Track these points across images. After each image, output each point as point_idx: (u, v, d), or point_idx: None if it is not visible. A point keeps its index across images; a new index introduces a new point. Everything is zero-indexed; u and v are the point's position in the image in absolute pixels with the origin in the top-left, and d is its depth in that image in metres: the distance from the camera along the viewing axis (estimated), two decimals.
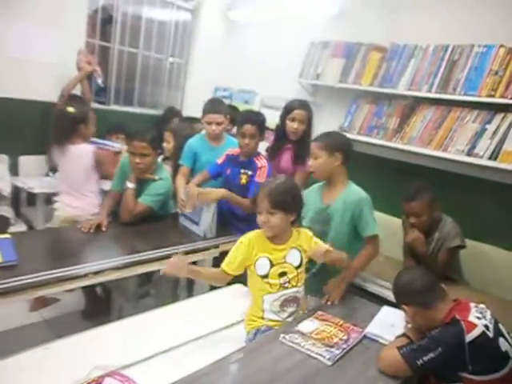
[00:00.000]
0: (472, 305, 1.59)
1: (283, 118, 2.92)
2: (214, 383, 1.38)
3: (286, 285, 1.80)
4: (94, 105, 4.04)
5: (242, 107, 3.97)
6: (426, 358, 1.47)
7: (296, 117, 2.86)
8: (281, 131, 2.94)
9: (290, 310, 1.83)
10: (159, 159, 2.86)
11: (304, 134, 2.89)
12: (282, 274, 1.81)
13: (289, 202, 1.77)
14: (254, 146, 2.74)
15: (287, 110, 2.89)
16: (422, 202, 2.37)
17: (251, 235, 1.86)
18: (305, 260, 1.85)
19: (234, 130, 3.24)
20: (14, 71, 3.41)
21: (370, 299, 2.19)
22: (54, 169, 3.37)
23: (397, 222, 2.76)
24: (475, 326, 1.47)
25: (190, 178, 2.93)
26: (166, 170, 2.82)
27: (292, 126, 2.86)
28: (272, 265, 1.81)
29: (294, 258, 1.83)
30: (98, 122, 3.41)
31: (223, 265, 1.83)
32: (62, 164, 2.87)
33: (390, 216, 3.04)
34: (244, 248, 1.83)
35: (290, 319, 1.83)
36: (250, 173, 2.75)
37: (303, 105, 2.92)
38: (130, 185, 2.55)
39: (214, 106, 2.97)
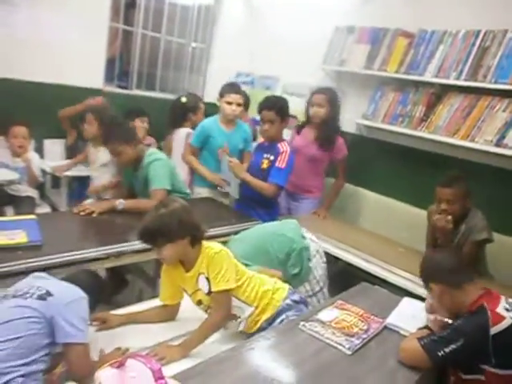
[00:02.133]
0: (502, 297, 1.55)
1: (307, 105, 3.09)
2: (228, 370, 1.38)
3: (207, 311, 1.71)
4: (116, 89, 4.07)
5: (263, 93, 3.93)
6: (447, 350, 1.44)
7: (315, 101, 3.01)
8: (306, 118, 3.12)
9: (232, 325, 1.76)
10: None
11: (327, 117, 2.98)
12: (199, 302, 1.73)
13: (165, 233, 1.56)
14: (275, 131, 2.73)
15: (309, 97, 3.07)
16: (458, 190, 2.29)
17: (164, 266, 1.75)
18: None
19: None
20: (42, 55, 3.44)
21: (391, 290, 2.17)
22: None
23: (419, 213, 2.71)
24: (503, 318, 1.43)
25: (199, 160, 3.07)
26: (156, 151, 2.79)
27: (312, 110, 3.02)
28: (189, 294, 1.74)
29: (202, 284, 1.66)
30: (118, 106, 3.47)
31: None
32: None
33: (413, 207, 2.98)
34: (165, 278, 1.76)
35: (240, 328, 1.76)
36: (271, 158, 2.74)
37: (322, 89, 3.07)
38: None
39: (234, 86, 3.02)
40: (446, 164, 2.87)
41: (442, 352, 1.45)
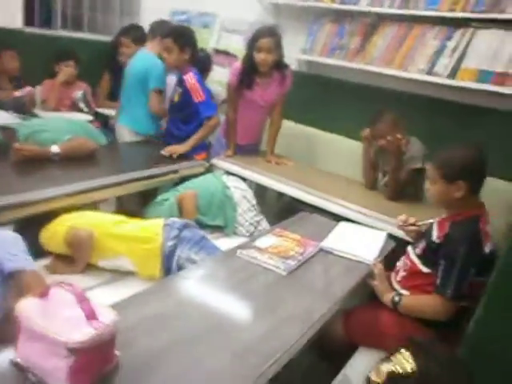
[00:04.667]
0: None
1: (250, 48, 2.68)
2: (164, 298, 1.38)
3: None
4: (38, 30, 3.74)
5: (201, 32, 3.76)
6: (452, 283, 1.53)
7: (263, 46, 2.61)
8: (249, 62, 2.70)
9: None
10: None
11: (276, 63, 2.71)
12: None
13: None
14: (173, 60, 2.67)
15: (253, 40, 2.65)
16: (385, 124, 2.37)
17: None
18: None
19: None
20: None
21: (330, 218, 2.24)
22: None
23: (356, 145, 2.77)
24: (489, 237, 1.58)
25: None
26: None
27: (259, 56, 2.63)
28: None
29: None
30: (45, 49, 3.21)
31: None
32: None
33: (351, 139, 3.04)
34: None
35: None
36: (180, 90, 2.74)
37: (267, 31, 2.67)
38: None
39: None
40: (383, 97, 2.91)
41: (449, 288, 1.53)
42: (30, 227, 1.80)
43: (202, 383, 1.05)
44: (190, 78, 2.64)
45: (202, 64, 3.01)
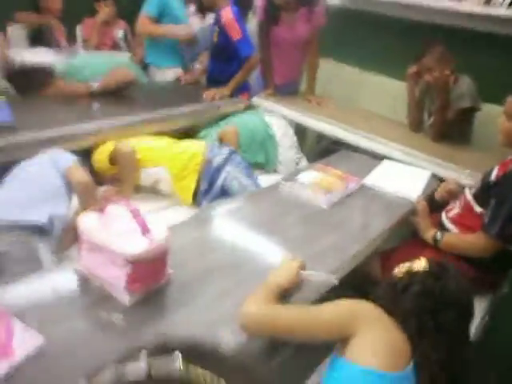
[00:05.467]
0: None
1: None
2: (212, 224, 1.44)
3: None
4: None
5: None
6: (499, 222, 1.50)
7: None
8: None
9: None
10: None
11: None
12: None
13: None
14: None
15: None
16: (433, 58, 2.24)
17: None
18: None
19: None
20: None
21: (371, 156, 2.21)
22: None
23: (401, 86, 2.66)
24: None
25: None
26: None
27: None
28: None
29: None
30: None
31: None
32: None
33: (396, 80, 2.92)
34: None
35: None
36: (217, 28, 2.63)
37: None
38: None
39: None
40: (431, 33, 2.73)
41: (496, 226, 1.50)
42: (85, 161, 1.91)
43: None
44: (227, 13, 2.54)
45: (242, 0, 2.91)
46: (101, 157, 1.91)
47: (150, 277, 1.06)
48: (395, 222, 1.63)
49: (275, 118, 2.47)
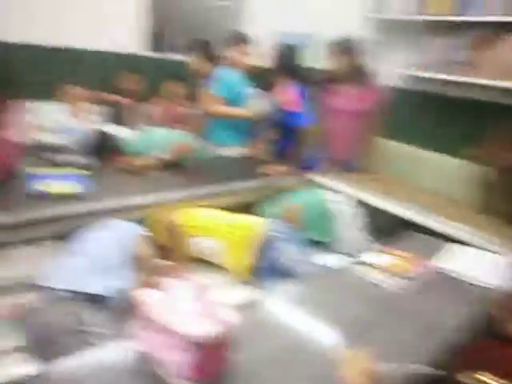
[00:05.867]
0: None
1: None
2: (263, 307, 1.37)
3: None
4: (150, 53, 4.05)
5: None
6: None
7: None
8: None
9: None
10: None
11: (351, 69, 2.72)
12: None
13: None
14: None
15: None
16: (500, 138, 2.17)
17: None
18: None
19: None
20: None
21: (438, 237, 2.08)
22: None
23: (461, 164, 2.56)
24: None
25: None
26: None
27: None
28: None
29: None
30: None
31: None
32: None
33: (455, 158, 2.84)
34: None
35: None
36: None
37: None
38: None
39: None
40: (492, 111, 2.67)
41: None
42: None
43: None
44: (287, 91, 2.69)
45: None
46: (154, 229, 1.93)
47: (214, 364, 0.98)
48: (474, 313, 1.47)
49: (336, 195, 2.43)
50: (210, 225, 1.86)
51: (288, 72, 2.74)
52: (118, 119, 3.44)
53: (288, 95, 2.63)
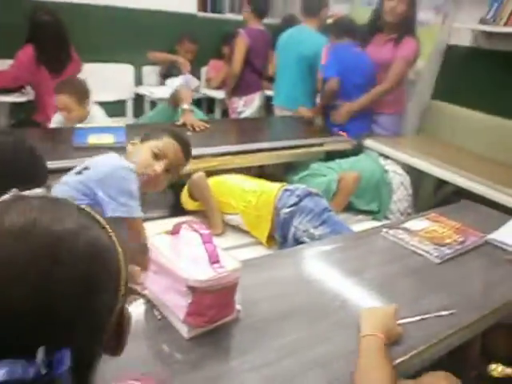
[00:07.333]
0: None
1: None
2: (297, 263, 1.29)
3: None
4: (209, 14, 4.00)
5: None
6: None
7: None
8: (376, 12, 2.59)
9: None
10: None
11: (404, 18, 2.46)
12: None
13: None
14: None
15: None
16: None
17: None
18: None
19: None
20: None
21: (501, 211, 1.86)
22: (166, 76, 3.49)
23: None
24: None
25: None
26: None
27: (388, 4, 2.45)
28: None
29: None
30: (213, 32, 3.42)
31: None
32: None
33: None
34: None
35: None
36: None
37: None
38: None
39: None
40: None
41: None
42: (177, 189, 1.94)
43: (322, 359, 0.92)
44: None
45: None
46: (184, 193, 1.94)
47: (215, 310, 0.94)
48: None
49: (392, 163, 2.28)
50: (234, 202, 1.81)
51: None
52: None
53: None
